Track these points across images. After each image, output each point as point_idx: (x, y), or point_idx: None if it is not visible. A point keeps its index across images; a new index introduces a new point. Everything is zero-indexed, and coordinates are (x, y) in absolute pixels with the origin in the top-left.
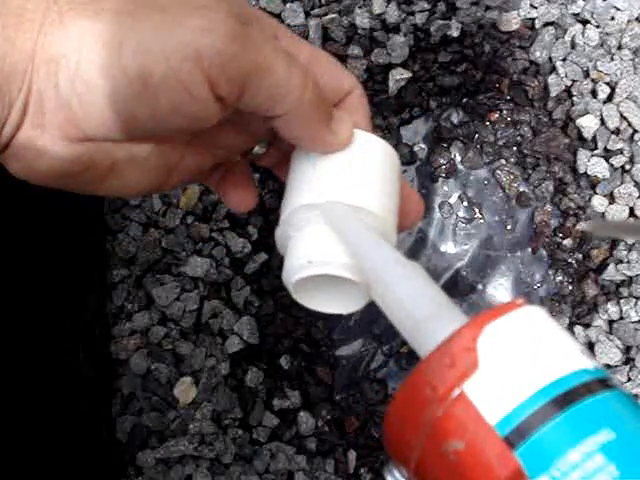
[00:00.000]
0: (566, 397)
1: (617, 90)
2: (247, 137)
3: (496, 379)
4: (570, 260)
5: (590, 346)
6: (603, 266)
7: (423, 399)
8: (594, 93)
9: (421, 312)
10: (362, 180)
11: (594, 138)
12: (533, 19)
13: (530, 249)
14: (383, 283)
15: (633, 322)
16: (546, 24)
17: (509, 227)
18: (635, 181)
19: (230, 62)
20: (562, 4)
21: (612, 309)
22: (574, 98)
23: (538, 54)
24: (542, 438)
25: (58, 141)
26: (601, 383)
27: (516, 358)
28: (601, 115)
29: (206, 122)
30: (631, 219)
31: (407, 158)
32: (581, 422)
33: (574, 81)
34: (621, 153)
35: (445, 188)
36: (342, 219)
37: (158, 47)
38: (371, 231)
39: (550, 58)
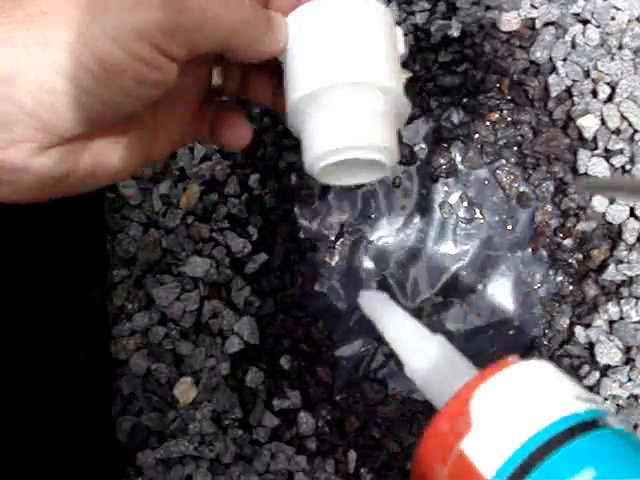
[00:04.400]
0: (551, 443)
1: (617, 90)
2: (197, 70)
3: (488, 436)
4: (570, 260)
5: (590, 346)
6: (603, 266)
7: (432, 460)
8: (594, 93)
9: (442, 379)
10: (365, 53)
11: (594, 138)
12: (533, 19)
13: (530, 249)
14: (410, 360)
15: (633, 322)
16: (546, 24)
17: (509, 227)
18: None
19: (172, 29)
20: (562, 4)
21: (612, 309)
22: (574, 98)
23: (538, 54)
24: None
25: (36, 152)
26: (589, 425)
27: (505, 414)
28: (601, 115)
29: (171, 82)
30: (626, 175)
31: (407, 158)
32: (565, 464)
33: (574, 81)
34: (621, 153)
35: (445, 188)
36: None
37: (100, 33)
38: (397, 308)
39: (550, 58)
